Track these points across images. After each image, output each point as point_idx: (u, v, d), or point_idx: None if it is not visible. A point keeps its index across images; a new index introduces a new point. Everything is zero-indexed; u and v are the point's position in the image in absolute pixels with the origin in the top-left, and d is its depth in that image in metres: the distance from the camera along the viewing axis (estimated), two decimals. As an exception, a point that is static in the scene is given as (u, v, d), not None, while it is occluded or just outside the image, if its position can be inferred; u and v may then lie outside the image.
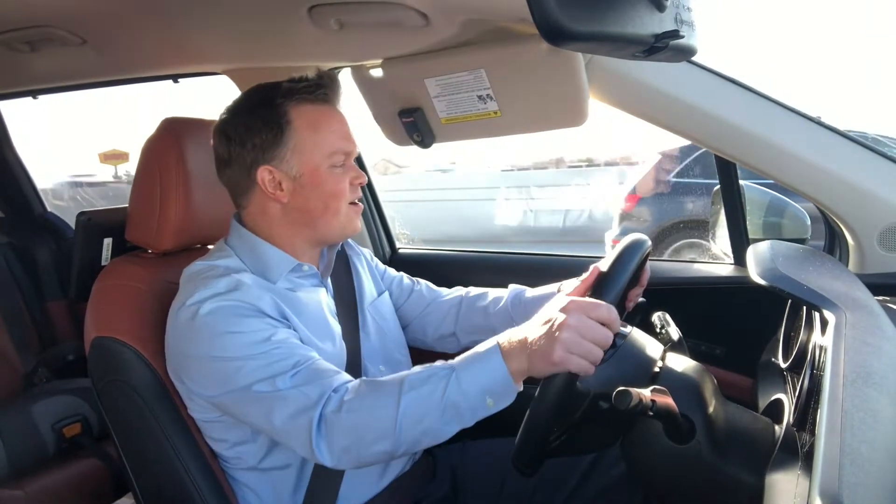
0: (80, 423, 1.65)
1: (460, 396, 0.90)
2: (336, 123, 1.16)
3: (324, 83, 1.15)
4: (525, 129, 1.45)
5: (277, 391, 0.97)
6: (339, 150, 1.14)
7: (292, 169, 1.12)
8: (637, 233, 1.06)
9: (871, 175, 1.31)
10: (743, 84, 1.34)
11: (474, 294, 1.38)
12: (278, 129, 1.11)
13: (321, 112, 1.14)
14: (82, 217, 1.50)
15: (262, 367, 0.99)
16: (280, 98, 1.12)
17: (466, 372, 0.91)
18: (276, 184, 1.13)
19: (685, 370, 0.98)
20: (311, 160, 1.12)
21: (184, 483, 1.11)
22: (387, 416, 0.91)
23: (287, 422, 0.96)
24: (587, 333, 0.85)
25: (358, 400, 0.94)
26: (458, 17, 1.18)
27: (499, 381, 0.89)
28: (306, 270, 1.17)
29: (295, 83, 1.14)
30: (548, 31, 0.71)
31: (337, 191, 1.14)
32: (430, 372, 0.93)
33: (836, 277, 1.06)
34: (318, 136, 1.13)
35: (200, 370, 1.04)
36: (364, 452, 0.94)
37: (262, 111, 1.12)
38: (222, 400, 1.02)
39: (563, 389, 0.86)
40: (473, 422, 0.92)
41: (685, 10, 0.85)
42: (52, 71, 1.70)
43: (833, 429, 0.66)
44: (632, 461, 0.99)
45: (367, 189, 1.96)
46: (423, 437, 0.93)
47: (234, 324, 1.02)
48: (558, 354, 0.84)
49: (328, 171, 1.13)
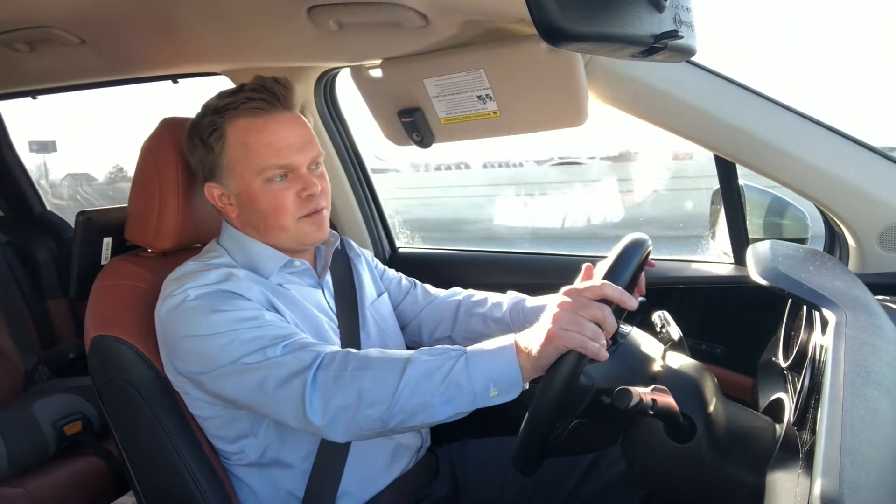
0: (81, 421, 1.65)
1: (465, 377, 0.89)
2: (270, 135, 1.08)
3: (255, 95, 1.09)
4: (524, 130, 1.45)
5: (268, 359, 0.97)
6: (272, 165, 1.08)
7: (230, 186, 1.12)
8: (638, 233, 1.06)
9: (871, 175, 1.30)
10: (742, 84, 1.34)
11: (474, 299, 1.37)
12: (210, 147, 1.11)
13: (253, 126, 1.09)
14: (81, 216, 1.50)
15: (252, 339, 0.99)
16: (210, 115, 1.11)
17: (477, 357, 0.90)
18: (225, 199, 1.14)
19: (685, 369, 0.98)
20: (243, 177, 1.10)
21: (185, 480, 1.11)
22: (390, 379, 0.91)
23: (280, 387, 0.95)
24: (581, 310, 0.85)
25: (365, 359, 0.94)
26: (458, 17, 1.18)
27: (507, 372, 0.89)
28: (298, 266, 1.17)
29: (225, 97, 1.11)
30: (547, 32, 0.71)
31: (275, 207, 1.10)
32: (442, 350, 0.93)
33: (837, 277, 1.06)
34: (248, 153, 1.09)
35: (189, 349, 1.03)
36: (358, 416, 0.92)
37: (199, 129, 1.12)
38: (213, 376, 1.01)
39: (565, 383, 0.85)
40: (472, 409, 0.91)
41: (684, 10, 0.85)
42: (52, 71, 1.70)
43: (833, 428, 0.66)
44: (632, 461, 0.99)
45: (366, 189, 1.96)
46: (419, 410, 0.90)
47: (220, 304, 1.02)
48: (552, 330, 0.84)
49: (263, 187, 1.09)
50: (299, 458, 1.12)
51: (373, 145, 1.90)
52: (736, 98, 1.33)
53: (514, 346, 0.90)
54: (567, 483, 1.26)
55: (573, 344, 0.83)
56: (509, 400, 0.90)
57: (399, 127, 1.54)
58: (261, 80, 1.12)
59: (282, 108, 1.12)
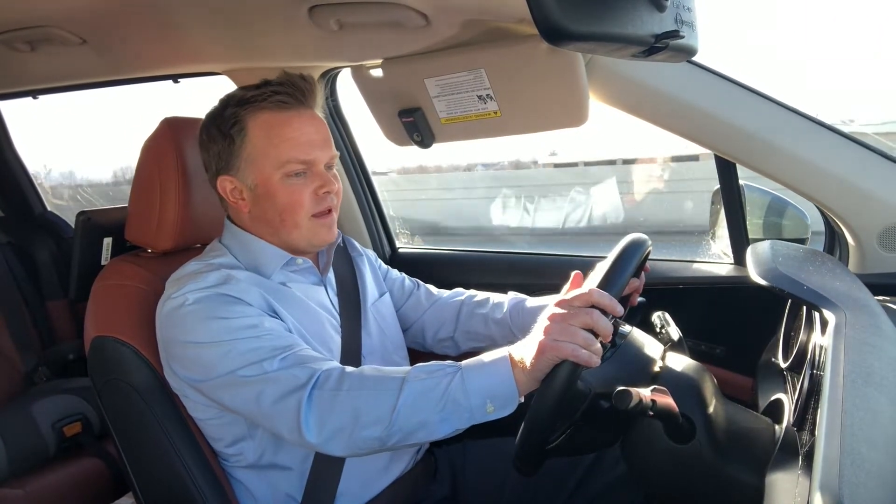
0: (81, 422, 1.65)
1: (462, 394, 0.89)
2: (294, 131, 1.09)
3: (281, 90, 1.10)
4: (525, 130, 1.45)
5: (265, 373, 0.97)
6: (294, 160, 1.09)
7: (247, 179, 1.11)
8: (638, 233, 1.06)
9: (871, 175, 1.30)
10: (743, 84, 1.34)
11: (475, 300, 1.37)
12: (230, 139, 1.10)
13: (277, 120, 1.10)
14: (82, 217, 1.50)
15: (250, 351, 0.98)
16: (233, 107, 1.11)
17: (473, 372, 0.90)
18: (237, 193, 1.13)
19: (685, 370, 0.98)
20: (262, 171, 1.10)
21: (184, 482, 1.11)
22: (387, 400, 0.90)
23: (276, 403, 0.95)
24: (570, 319, 0.85)
25: (360, 378, 0.94)
26: (458, 17, 1.18)
27: (503, 387, 0.89)
28: (301, 264, 1.17)
29: (250, 90, 1.11)
30: (547, 32, 0.71)
31: (292, 203, 1.10)
32: (437, 367, 0.93)
33: (836, 277, 1.06)
34: (270, 146, 1.09)
35: (187, 355, 1.03)
36: (356, 436, 0.92)
37: (219, 120, 1.12)
38: (211, 385, 1.01)
39: (563, 388, 0.86)
40: (469, 425, 0.91)
41: (685, 10, 0.85)
42: (52, 71, 1.70)
43: (833, 429, 0.66)
44: (632, 461, 0.99)
45: (366, 189, 1.96)
46: (417, 429, 0.91)
47: (220, 311, 1.02)
48: (543, 342, 0.84)
49: (282, 181, 1.10)
50: (298, 461, 1.12)
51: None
52: (736, 98, 1.33)
53: (508, 359, 0.90)
54: (567, 484, 1.26)
55: (564, 353, 0.83)
56: (506, 415, 0.90)
57: (399, 127, 1.54)
58: (287, 76, 1.12)
59: (306, 105, 1.13)
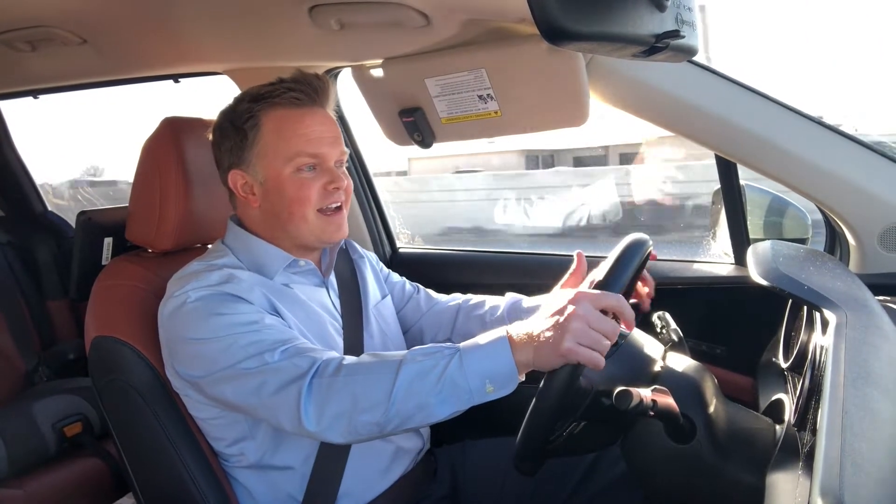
0: (81, 422, 1.65)
1: (460, 375, 0.88)
2: (305, 127, 1.11)
3: (296, 87, 1.12)
4: (525, 129, 1.45)
5: (267, 364, 0.97)
6: (304, 154, 1.10)
7: (258, 174, 1.13)
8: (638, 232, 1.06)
9: (871, 175, 1.30)
10: (743, 84, 1.34)
11: (472, 303, 1.37)
12: (243, 133, 1.12)
13: (290, 116, 1.11)
14: (82, 217, 1.50)
15: (251, 343, 0.99)
16: (248, 102, 1.12)
17: (471, 353, 0.90)
18: (248, 188, 1.14)
19: (686, 370, 0.98)
20: (273, 165, 1.11)
21: (184, 482, 1.11)
22: (384, 383, 0.90)
23: (277, 392, 0.96)
24: (595, 323, 0.84)
25: (357, 364, 0.94)
26: (459, 17, 1.19)
27: (502, 367, 0.88)
28: (303, 266, 1.18)
29: (265, 87, 1.13)
30: (548, 31, 0.71)
31: (301, 197, 1.11)
32: (435, 349, 0.93)
33: (837, 277, 1.06)
34: (281, 141, 1.11)
35: (189, 352, 1.04)
36: (355, 421, 0.92)
37: (232, 116, 1.13)
38: (213, 379, 1.02)
39: (565, 387, 0.86)
40: (468, 406, 0.90)
41: (686, 10, 0.85)
42: (53, 71, 1.70)
43: (834, 429, 0.66)
44: (632, 461, 0.99)
45: (366, 190, 1.96)
46: (415, 412, 0.90)
47: (221, 308, 1.03)
48: (566, 346, 0.83)
49: (292, 176, 1.11)
50: (299, 461, 1.12)
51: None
52: (737, 98, 1.33)
53: (507, 338, 0.89)
54: (567, 484, 1.26)
55: (584, 358, 0.83)
56: (507, 394, 0.89)
57: (400, 127, 1.54)
58: (302, 74, 1.14)
59: (319, 103, 1.14)
